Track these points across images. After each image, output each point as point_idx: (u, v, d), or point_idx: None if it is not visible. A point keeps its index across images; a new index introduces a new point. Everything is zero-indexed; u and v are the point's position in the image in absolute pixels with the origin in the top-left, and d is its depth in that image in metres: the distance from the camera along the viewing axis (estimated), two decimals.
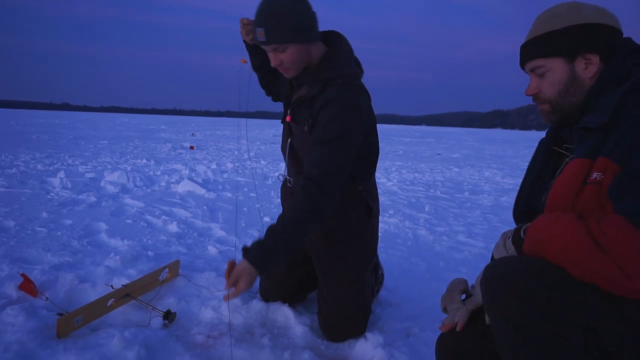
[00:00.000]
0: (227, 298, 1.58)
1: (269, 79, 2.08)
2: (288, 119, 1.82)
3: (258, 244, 1.58)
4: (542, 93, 1.23)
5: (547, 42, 1.19)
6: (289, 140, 1.85)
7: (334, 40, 1.79)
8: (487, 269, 1.07)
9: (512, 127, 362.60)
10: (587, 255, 0.94)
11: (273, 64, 1.70)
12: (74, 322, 1.81)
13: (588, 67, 1.16)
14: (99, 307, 1.93)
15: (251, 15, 1.72)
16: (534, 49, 1.22)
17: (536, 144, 1.36)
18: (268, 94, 2.14)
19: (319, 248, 1.94)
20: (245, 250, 1.60)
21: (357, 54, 1.86)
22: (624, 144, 1.00)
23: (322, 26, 1.79)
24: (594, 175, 1.04)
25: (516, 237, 1.13)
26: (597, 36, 1.15)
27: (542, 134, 1.38)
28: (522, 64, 1.27)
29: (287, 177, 1.98)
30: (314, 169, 1.61)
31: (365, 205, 1.92)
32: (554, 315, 0.95)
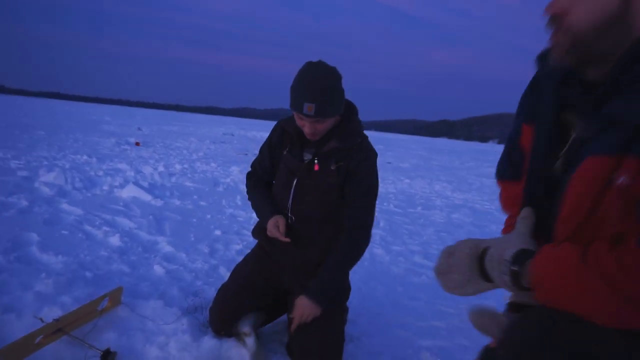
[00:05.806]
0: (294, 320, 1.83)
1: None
2: (316, 167, 1.90)
3: (319, 284, 1.84)
4: (570, 16, 0.87)
5: None
6: (295, 180, 1.91)
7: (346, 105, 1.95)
8: (504, 344, 0.89)
9: (457, 137, 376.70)
10: (605, 306, 0.79)
11: (307, 131, 1.80)
12: None
13: None
14: (25, 346, 1.68)
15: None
16: None
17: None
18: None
19: (301, 275, 1.96)
20: (308, 291, 1.83)
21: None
22: None
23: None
24: (621, 178, 0.80)
25: (515, 276, 0.91)
26: None
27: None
28: None
29: (290, 215, 1.96)
30: (362, 215, 1.90)
31: None
32: None
